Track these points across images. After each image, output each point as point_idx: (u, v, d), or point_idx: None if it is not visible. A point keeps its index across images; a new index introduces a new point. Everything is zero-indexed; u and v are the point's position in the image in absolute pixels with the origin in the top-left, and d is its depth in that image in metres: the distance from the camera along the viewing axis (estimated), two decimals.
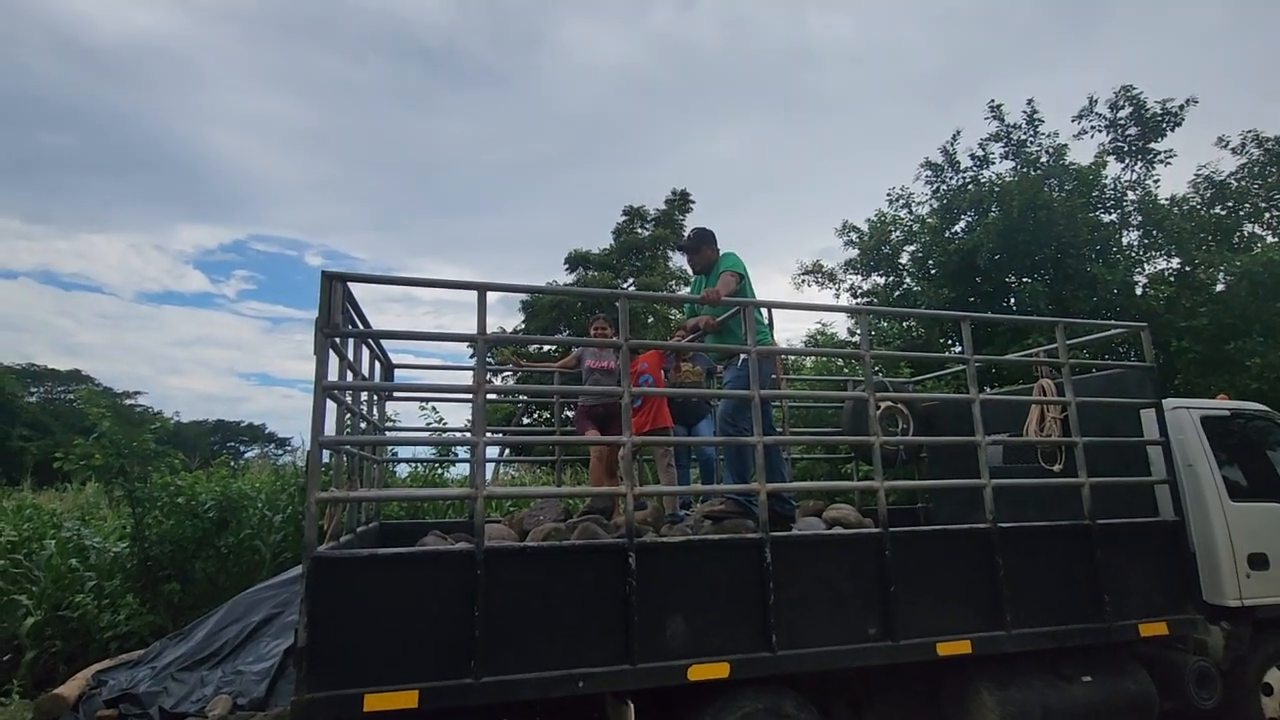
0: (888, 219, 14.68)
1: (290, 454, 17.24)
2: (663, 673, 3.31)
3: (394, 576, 3.16)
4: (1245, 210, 12.53)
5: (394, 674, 3.02)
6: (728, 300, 4.19)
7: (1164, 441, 4.58)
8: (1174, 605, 4.39)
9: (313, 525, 3.06)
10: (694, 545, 3.63)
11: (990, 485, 4.08)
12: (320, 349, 3.21)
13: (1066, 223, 11.87)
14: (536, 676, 3.15)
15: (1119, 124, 13.18)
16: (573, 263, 26.02)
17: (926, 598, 3.84)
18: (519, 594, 3.22)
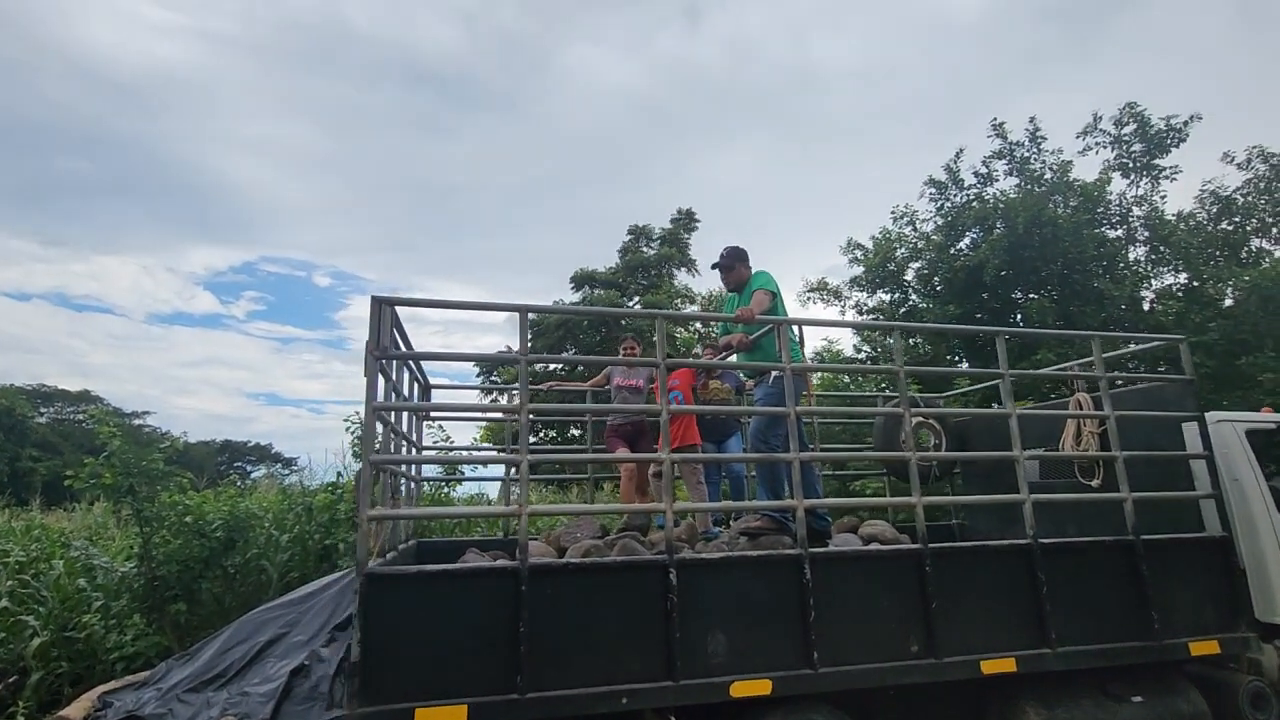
0: (892, 236, 14.73)
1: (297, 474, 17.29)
2: (705, 689, 3.30)
3: (442, 592, 3.20)
4: (1252, 225, 12.52)
5: (443, 689, 3.04)
6: (761, 319, 4.22)
7: (1208, 455, 4.48)
8: (1225, 623, 4.27)
9: (364, 542, 3.10)
10: (734, 561, 3.62)
11: (1030, 500, 4.02)
12: (370, 371, 3.29)
13: (1072, 239, 11.87)
14: (581, 693, 3.15)
15: (1123, 140, 13.22)
16: (579, 281, 26.15)
17: (968, 614, 3.78)
18: (562, 610, 3.24)
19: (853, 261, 15.22)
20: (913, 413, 4.12)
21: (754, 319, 4.17)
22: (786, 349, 3.99)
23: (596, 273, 26.01)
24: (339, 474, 9.70)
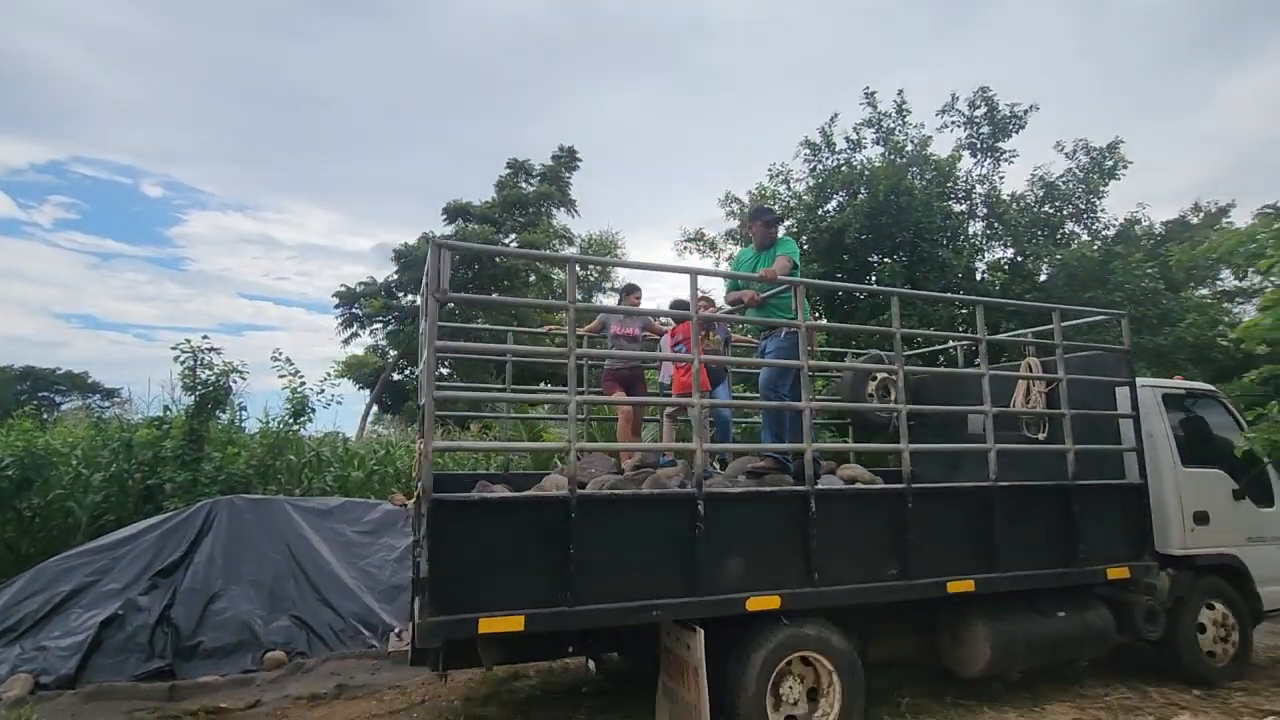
0: (767, 193, 15.16)
1: (120, 406, 15.34)
2: (725, 604, 3.80)
3: (502, 517, 3.59)
4: (1069, 210, 14.12)
5: (503, 601, 3.42)
6: (784, 280, 4.70)
7: (1135, 415, 5.27)
8: (1134, 554, 5.15)
9: (430, 473, 3.37)
10: (751, 495, 4.18)
11: (994, 449, 4.69)
12: (431, 312, 3.53)
13: (923, 209, 12.82)
14: (619, 606, 3.61)
15: (975, 121, 14.32)
16: (451, 214, 24.76)
17: (937, 545, 4.44)
18: (604, 535, 3.64)
19: (729, 214, 15.59)
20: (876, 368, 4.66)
21: (775, 279, 4.68)
22: (802, 309, 4.42)
23: (471, 205, 24.73)
24: (166, 408, 8.73)
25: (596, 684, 5.14)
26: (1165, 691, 5.18)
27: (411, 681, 5.29)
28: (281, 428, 8.71)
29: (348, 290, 24.97)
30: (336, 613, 6.02)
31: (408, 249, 23.69)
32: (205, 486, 7.51)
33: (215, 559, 5.93)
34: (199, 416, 7.78)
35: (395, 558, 6.66)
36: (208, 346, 7.93)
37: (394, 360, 25.47)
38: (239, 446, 8.52)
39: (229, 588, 5.80)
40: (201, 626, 5.53)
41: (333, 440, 11.33)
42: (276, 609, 5.86)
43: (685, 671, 3.76)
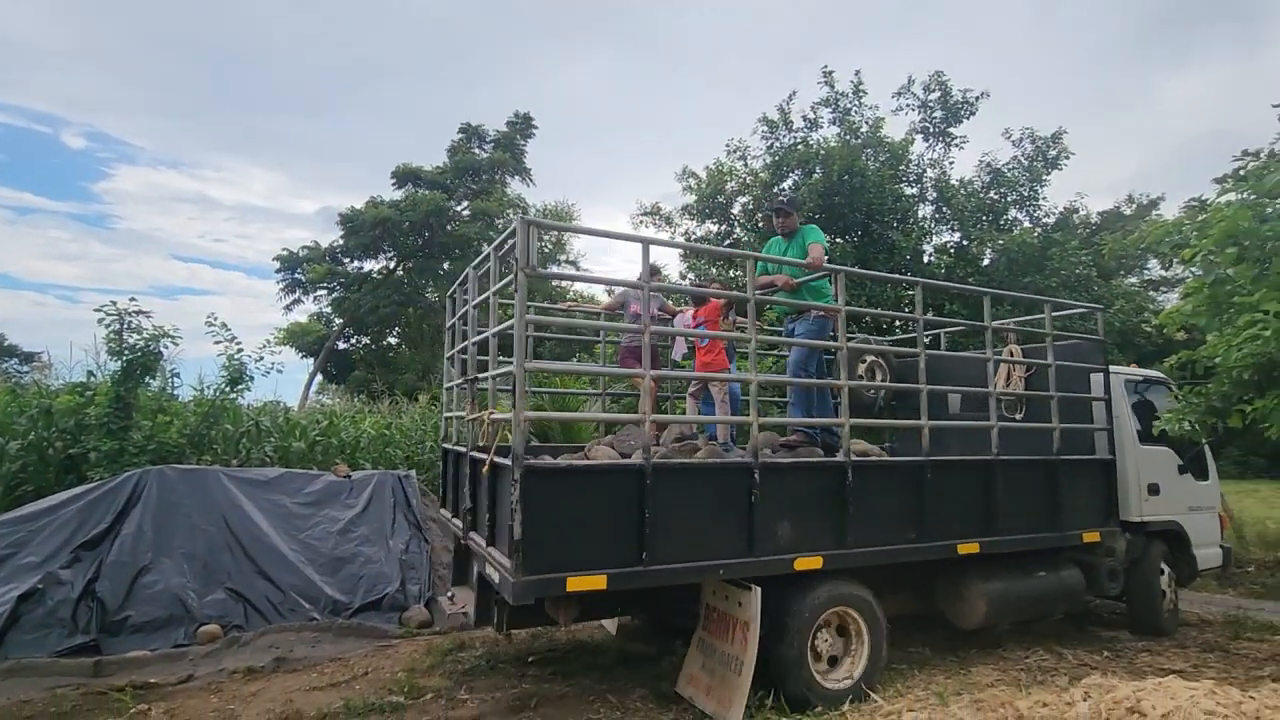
0: (725, 169, 15.13)
1: (40, 371, 14.45)
2: (777, 564, 4.19)
3: (585, 484, 3.81)
4: (1013, 197, 14.54)
5: (586, 562, 3.65)
6: (827, 268, 5.13)
7: (1108, 399, 5.97)
8: (1104, 520, 5.89)
9: (522, 440, 3.53)
10: (799, 465, 4.56)
11: (996, 427, 5.22)
12: (521, 286, 3.68)
13: (876, 191, 13.02)
14: (689, 565, 3.92)
15: (929, 106, 14.54)
16: (401, 178, 23.97)
17: (948, 511, 4.93)
18: (674, 500, 3.91)
19: (686, 189, 15.50)
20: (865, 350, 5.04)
21: (820, 266, 5.07)
22: (842, 293, 4.76)
23: (422, 170, 23.97)
24: (90, 373, 8.27)
25: (543, 653, 5.17)
26: (1078, 654, 5.53)
27: (353, 654, 5.22)
28: (218, 396, 8.36)
29: (290, 255, 24.01)
30: (275, 585, 5.88)
31: (354, 213, 22.88)
32: (133, 456, 7.16)
33: (144, 531, 5.69)
34: (126, 383, 7.37)
35: (338, 530, 6.52)
36: (135, 309, 7.51)
37: (339, 328, 24.72)
38: (171, 415, 8.14)
39: (159, 560, 5.58)
40: (129, 600, 5.32)
41: (273, 410, 10.94)
42: (211, 582, 5.68)
43: (732, 627, 4.11)
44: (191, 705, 4.26)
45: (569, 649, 5.25)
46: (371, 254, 24.05)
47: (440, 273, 24.93)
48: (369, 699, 4.25)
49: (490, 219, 24.12)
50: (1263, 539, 10.38)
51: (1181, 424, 5.07)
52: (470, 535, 4.46)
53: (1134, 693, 3.15)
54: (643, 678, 4.70)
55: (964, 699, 3.69)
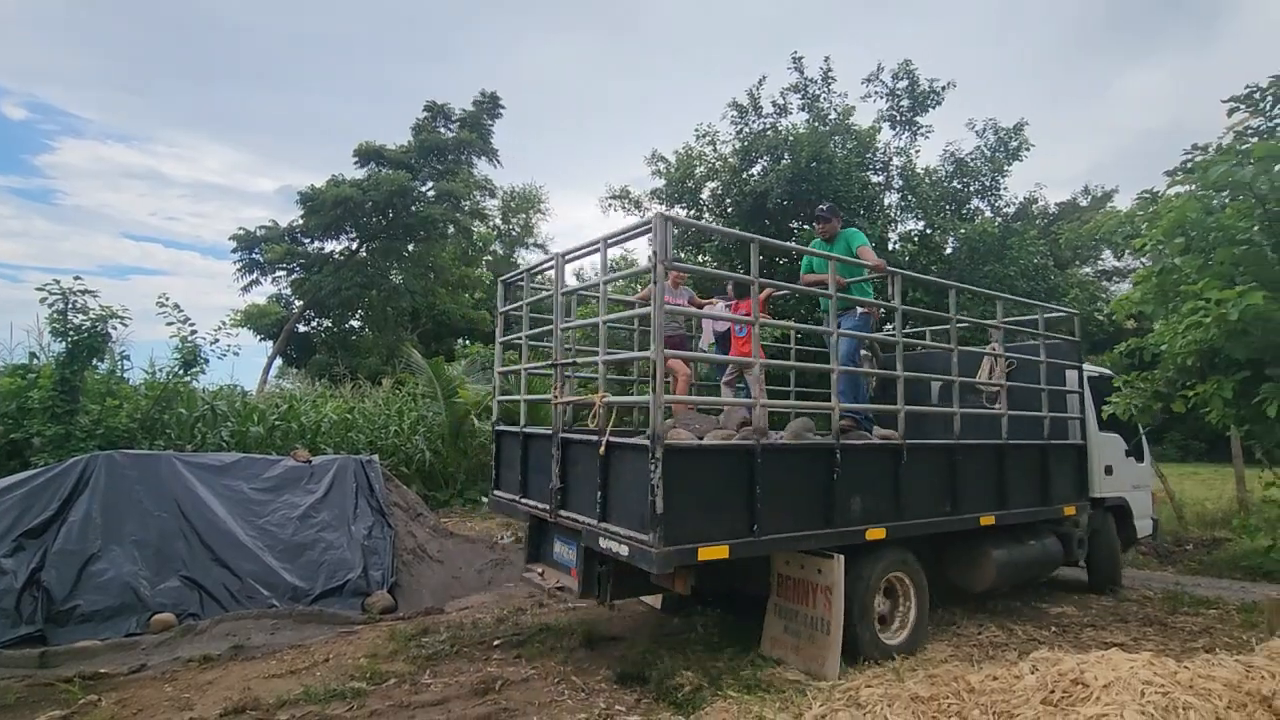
0: (694, 154, 15.12)
1: None
2: (852, 534, 4.70)
3: (709, 462, 4.17)
4: (975, 187, 14.83)
5: (711, 533, 4.03)
6: (890, 270, 5.56)
7: (1081, 392, 6.90)
8: (1078, 496, 6.75)
9: (659, 420, 3.81)
10: (870, 446, 5.05)
11: (1005, 416, 5.94)
12: (659, 278, 3.95)
13: (843, 178, 13.15)
14: (788, 535, 4.39)
15: (896, 94, 14.68)
16: (363, 156, 23.36)
17: (973, 487, 5.59)
18: (775, 478, 4.33)
19: (655, 173, 15.45)
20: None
21: (884, 268, 5.53)
22: (899, 292, 5.41)
23: (385, 149, 23.39)
24: (34, 355, 7.94)
25: (508, 636, 5.17)
26: (1028, 629, 5.74)
27: (314, 641, 5.15)
28: (170, 379, 8.10)
29: (247, 234, 23.28)
30: (232, 572, 5.75)
31: (315, 192, 22.25)
32: (80, 441, 6.92)
33: (93, 518, 5.49)
34: (72, 365, 7.09)
35: (298, 515, 6.39)
36: (81, 288, 7.20)
37: (299, 311, 24.12)
38: (120, 398, 7.87)
39: (109, 548, 5.41)
40: (77, 589, 5.15)
41: (230, 394, 10.67)
42: (164, 570, 5.52)
43: (812, 592, 4.60)
44: (144, 695, 4.15)
45: (534, 632, 5.26)
46: (333, 234, 23.47)
47: (405, 254, 24.47)
48: (330, 685, 4.19)
49: (456, 200, 23.72)
50: (1201, 518, 10.88)
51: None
52: (561, 513, 4.70)
53: (1078, 665, 3.28)
54: (607, 660, 4.74)
55: (919, 674, 3.80)
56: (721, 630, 5.42)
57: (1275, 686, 3.05)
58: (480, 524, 9.98)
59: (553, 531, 5.06)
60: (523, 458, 5.44)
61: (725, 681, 4.21)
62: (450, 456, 11.66)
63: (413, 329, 25.53)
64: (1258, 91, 4.45)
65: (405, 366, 15.25)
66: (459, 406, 11.35)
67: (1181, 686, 2.95)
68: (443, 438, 11.65)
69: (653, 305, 3.95)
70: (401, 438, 11.56)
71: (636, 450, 4.03)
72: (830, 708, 3.47)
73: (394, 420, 11.92)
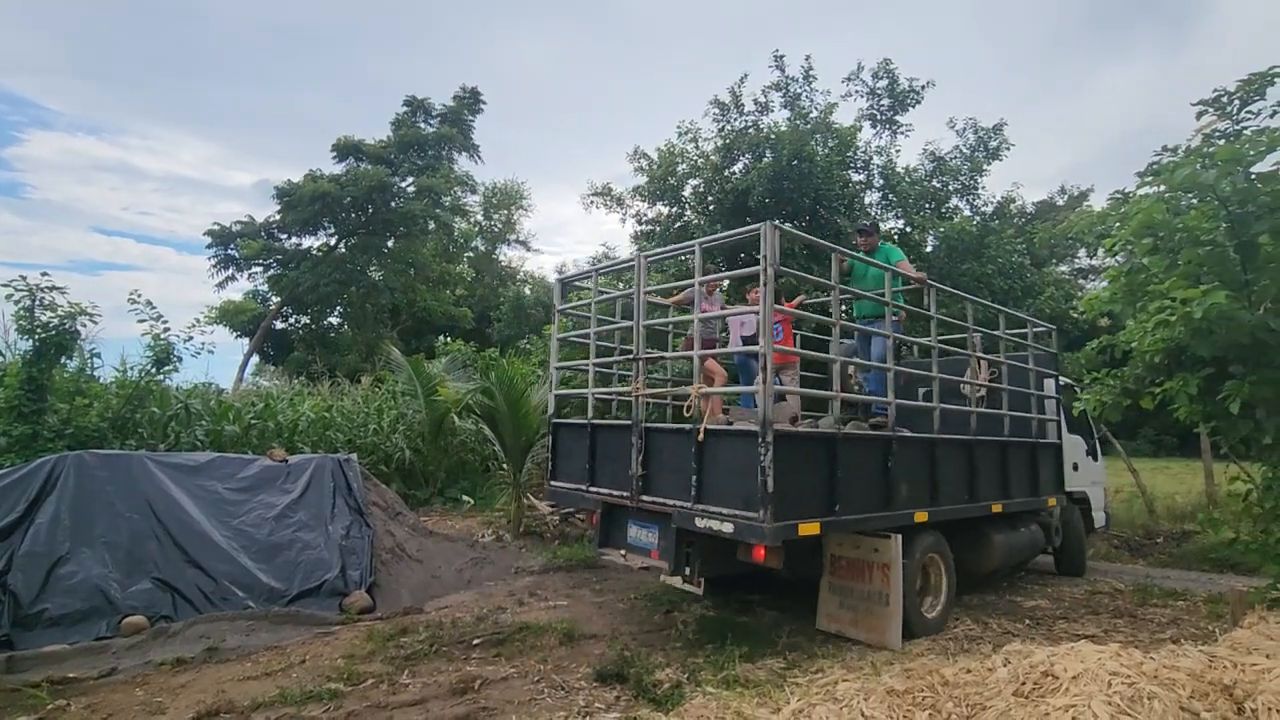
0: (676, 151, 15.11)
1: None
2: (903, 517, 5.29)
3: (805, 448, 4.72)
4: (955, 186, 14.99)
5: (806, 512, 4.56)
6: (931, 283, 6.29)
7: (1058, 397, 7.74)
8: (1056, 489, 7.57)
9: (768, 409, 4.30)
10: (916, 440, 5.65)
11: (1007, 416, 6.68)
12: (770, 281, 4.41)
13: (824, 177, 13.22)
14: (858, 517, 4.94)
15: (877, 93, 14.79)
16: (342, 151, 23.10)
17: (985, 479, 6.27)
18: (848, 463, 4.86)
19: (637, 170, 15.42)
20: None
21: (925, 280, 6.21)
22: (934, 300, 6.23)
23: (364, 144, 23.14)
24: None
25: (487, 635, 5.15)
26: (1002, 623, 5.84)
27: (291, 642, 5.09)
28: (142, 378, 7.94)
29: (223, 229, 22.91)
30: (206, 574, 5.66)
31: (292, 187, 21.95)
32: (48, 441, 6.76)
33: (61, 519, 5.38)
34: (39, 363, 6.92)
35: (274, 515, 6.31)
36: (48, 285, 7.02)
37: (276, 307, 23.78)
38: (91, 397, 7.71)
39: (78, 550, 5.30)
40: (45, 593, 5.04)
41: (204, 392, 10.49)
42: (135, 572, 5.42)
43: (869, 569, 5.18)
44: (114, 699, 4.08)
45: (513, 631, 5.24)
46: (311, 230, 23.17)
47: (384, 250, 24.22)
48: (306, 687, 4.15)
49: (436, 196, 23.52)
50: (1171, 512, 11.13)
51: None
52: (643, 498, 5.12)
53: (1048, 657, 3.34)
54: (586, 658, 4.74)
55: (895, 668, 3.84)
56: (700, 627, 5.45)
57: (1237, 676, 3.13)
58: (460, 523, 9.93)
59: (627, 517, 5.44)
60: (590, 449, 5.79)
61: (704, 677, 4.23)
62: (430, 455, 11.58)
63: (392, 326, 25.30)
64: (1225, 95, 4.53)
65: (385, 364, 15.12)
66: (439, 405, 11.26)
67: (1147, 677, 3.02)
68: (423, 436, 11.55)
69: (761, 306, 4.48)
70: (381, 436, 11.45)
71: (742, 436, 4.54)
72: (808, 702, 3.50)
73: (373, 418, 11.80)
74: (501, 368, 10.29)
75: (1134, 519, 11.27)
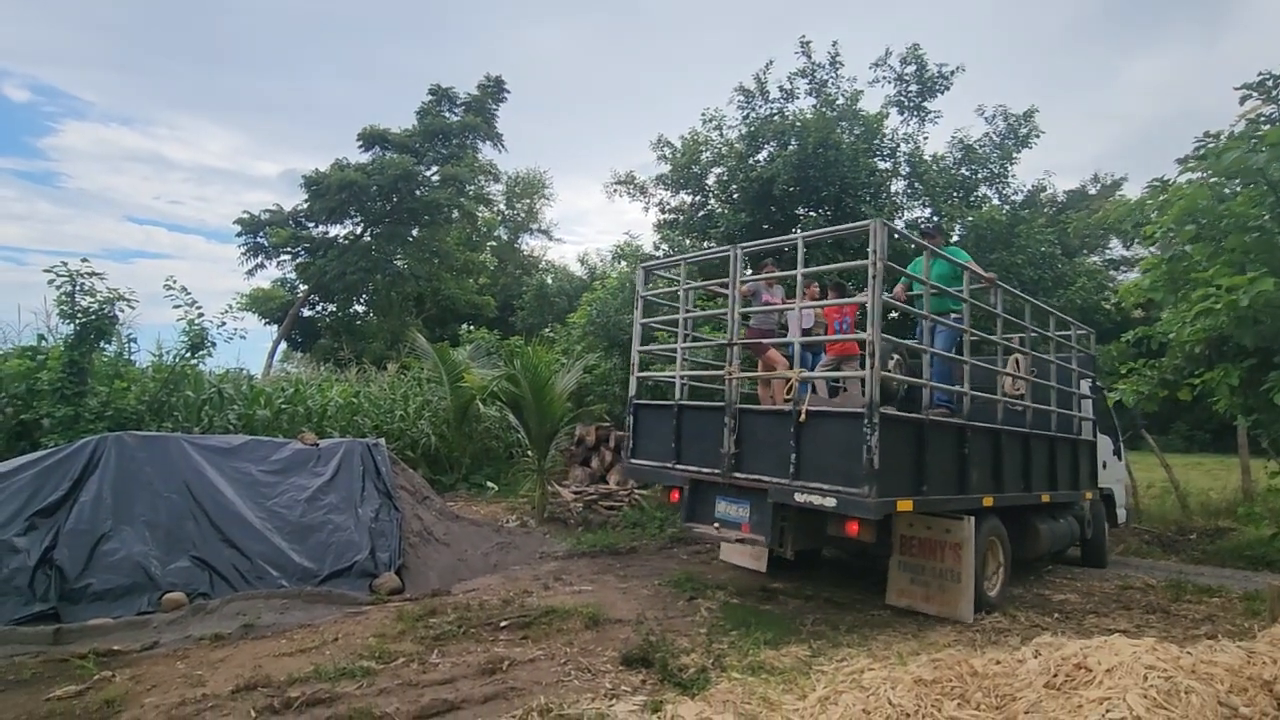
0: (700, 139, 14.99)
1: None
2: (975, 501, 5.69)
3: (900, 431, 5.02)
4: (984, 174, 14.69)
5: (901, 490, 4.96)
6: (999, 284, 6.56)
7: (1094, 397, 8.21)
8: (1091, 484, 8.04)
9: (878, 390, 4.70)
10: (988, 429, 6.00)
11: (1055, 412, 7.06)
12: (879, 274, 4.76)
13: (850, 165, 13.02)
14: (940, 498, 5.32)
15: (904, 79, 14.52)
16: (368, 140, 23.27)
17: (1034, 469, 6.59)
18: (931, 447, 5.22)
19: (661, 159, 15.33)
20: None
21: (994, 280, 6.48)
22: (1000, 300, 6.54)
23: (389, 133, 23.29)
24: (41, 337, 7.97)
25: (514, 618, 5.22)
26: (1030, 616, 5.77)
27: (323, 620, 5.20)
28: (178, 362, 8.14)
29: (252, 218, 23.24)
30: (241, 553, 5.80)
31: (319, 176, 22.20)
32: (90, 422, 6.97)
33: (104, 498, 5.54)
34: (80, 347, 7.13)
35: (305, 498, 6.44)
36: (88, 271, 7.21)
37: (304, 295, 24.14)
38: (129, 380, 7.92)
39: (120, 528, 5.46)
40: (89, 568, 5.21)
41: (236, 377, 10.71)
42: (174, 550, 5.58)
43: (941, 548, 5.57)
44: (157, 671, 4.21)
45: (539, 614, 5.30)
46: (337, 219, 23.41)
47: (409, 239, 24.42)
48: (340, 664, 4.24)
49: (461, 184, 23.63)
50: (1205, 508, 10.89)
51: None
52: (736, 475, 5.46)
53: (1081, 650, 3.29)
54: (612, 642, 4.78)
55: (922, 658, 3.83)
56: (724, 614, 5.46)
57: (1276, 672, 3.07)
58: (485, 508, 10.05)
59: (715, 493, 5.72)
60: (676, 428, 6.16)
61: (729, 663, 4.25)
62: (456, 441, 11.71)
63: (417, 314, 25.53)
64: (1270, 79, 4.40)
65: (410, 351, 15.28)
66: (464, 391, 11.37)
67: (1184, 671, 2.97)
68: (448, 422, 11.69)
69: (869, 298, 4.79)
70: (407, 422, 11.61)
71: (847, 417, 4.90)
72: (834, 690, 3.50)
73: (399, 404, 11.96)
74: (526, 355, 10.34)
75: (1166, 514, 11.05)
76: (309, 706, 3.69)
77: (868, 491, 4.56)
